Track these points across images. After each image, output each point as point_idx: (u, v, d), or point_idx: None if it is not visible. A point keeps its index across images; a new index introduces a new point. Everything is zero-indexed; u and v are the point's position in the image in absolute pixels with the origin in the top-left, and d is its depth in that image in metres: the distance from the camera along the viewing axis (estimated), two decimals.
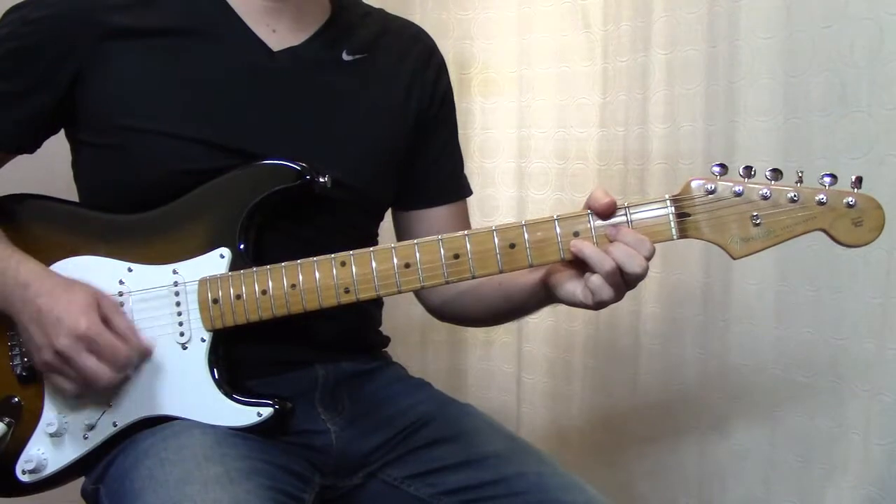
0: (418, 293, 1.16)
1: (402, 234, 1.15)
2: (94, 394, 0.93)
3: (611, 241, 0.86)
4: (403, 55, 1.09)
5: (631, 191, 1.46)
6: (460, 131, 1.19)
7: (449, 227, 0.91)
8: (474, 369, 1.80)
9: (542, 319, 1.67)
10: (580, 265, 0.88)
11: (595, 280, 0.86)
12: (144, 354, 0.93)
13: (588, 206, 0.88)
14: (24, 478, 0.95)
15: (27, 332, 0.91)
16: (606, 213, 0.87)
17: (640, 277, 0.86)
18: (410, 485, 1.01)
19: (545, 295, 0.95)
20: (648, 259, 0.85)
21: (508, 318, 1.13)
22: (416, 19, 1.18)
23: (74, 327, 0.87)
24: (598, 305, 0.88)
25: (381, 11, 1.13)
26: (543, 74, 1.60)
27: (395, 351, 1.17)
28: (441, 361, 1.81)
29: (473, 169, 1.69)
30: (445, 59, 1.15)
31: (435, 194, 1.13)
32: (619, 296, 0.87)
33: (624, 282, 0.86)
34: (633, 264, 0.84)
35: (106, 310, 0.91)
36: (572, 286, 0.89)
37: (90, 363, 0.88)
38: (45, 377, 0.94)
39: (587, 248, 0.86)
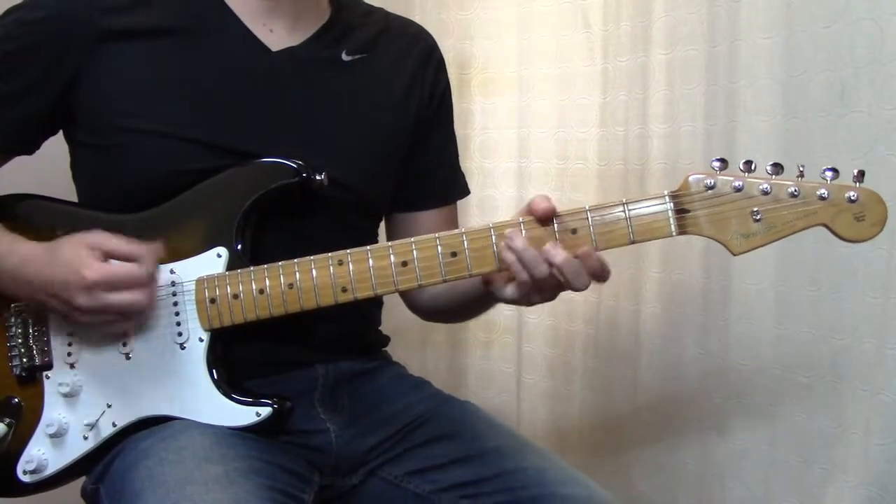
0: (406, 292, 1.15)
1: (394, 234, 1.15)
2: (96, 389, 0.94)
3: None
4: (404, 55, 1.09)
5: (631, 191, 1.46)
6: (460, 131, 1.19)
7: (441, 228, 0.92)
8: (474, 369, 1.80)
9: (542, 319, 1.67)
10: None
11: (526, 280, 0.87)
12: (158, 253, 0.92)
13: (530, 210, 0.88)
14: (25, 478, 0.96)
15: (49, 307, 0.92)
16: (544, 218, 0.87)
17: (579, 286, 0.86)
18: (410, 481, 1.01)
19: (485, 292, 0.94)
20: (596, 272, 0.86)
21: (455, 315, 1.15)
22: (416, 19, 1.18)
23: (81, 282, 0.87)
24: (530, 302, 0.89)
25: (381, 10, 1.13)
26: (543, 74, 1.60)
27: (395, 351, 1.17)
28: (441, 361, 1.81)
29: (473, 169, 1.69)
30: (445, 58, 1.15)
31: (431, 196, 1.14)
32: (551, 298, 0.89)
33: (562, 287, 0.87)
34: (578, 281, 0.85)
35: (100, 246, 0.90)
36: (511, 286, 0.89)
37: (118, 299, 0.88)
38: (81, 337, 0.95)
39: (520, 248, 0.86)
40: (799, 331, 1.27)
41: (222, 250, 0.94)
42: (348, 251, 0.91)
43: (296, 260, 0.92)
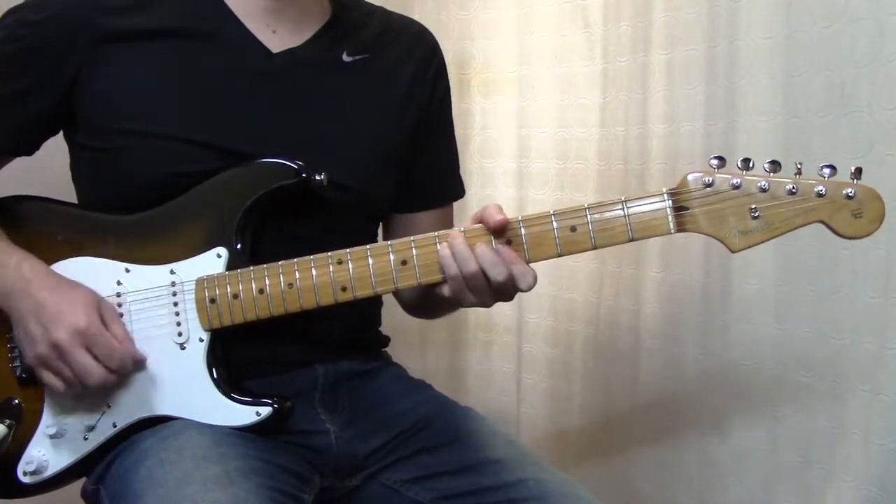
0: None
1: (390, 235, 1.15)
2: (92, 394, 0.93)
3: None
4: (405, 55, 1.09)
5: (631, 191, 1.46)
6: (460, 131, 1.19)
7: (437, 228, 0.92)
8: (474, 369, 1.80)
9: (542, 319, 1.67)
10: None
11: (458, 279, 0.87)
12: (138, 362, 0.93)
13: (479, 219, 0.88)
14: (26, 479, 0.96)
15: (24, 324, 0.91)
16: (498, 230, 0.87)
17: (504, 286, 0.86)
18: (410, 489, 1.00)
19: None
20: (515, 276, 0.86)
21: (427, 311, 1.16)
22: (416, 19, 1.18)
23: (75, 322, 0.88)
24: (463, 301, 0.89)
25: (382, 10, 1.13)
26: (543, 74, 1.60)
27: (395, 351, 1.17)
28: (441, 361, 1.81)
29: (473, 169, 1.69)
30: (445, 58, 1.15)
31: (431, 197, 1.14)
32: (483, 300, 0.89)
33: (491, 289, 0.87)
34: (496, 272, 0.85)
35: (105, 313, 0.91)
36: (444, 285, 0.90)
37: (84, 359, 0.88)
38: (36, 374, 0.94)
39: (457, 245, 0.87)
40: (799, 331, 1.28)
41: (222, 250, 0.94)
42: (348, 250, 0.91)
43: (295, 259, 0.92)
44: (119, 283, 0.95)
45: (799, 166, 0.84)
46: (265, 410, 0.93)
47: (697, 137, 1.37)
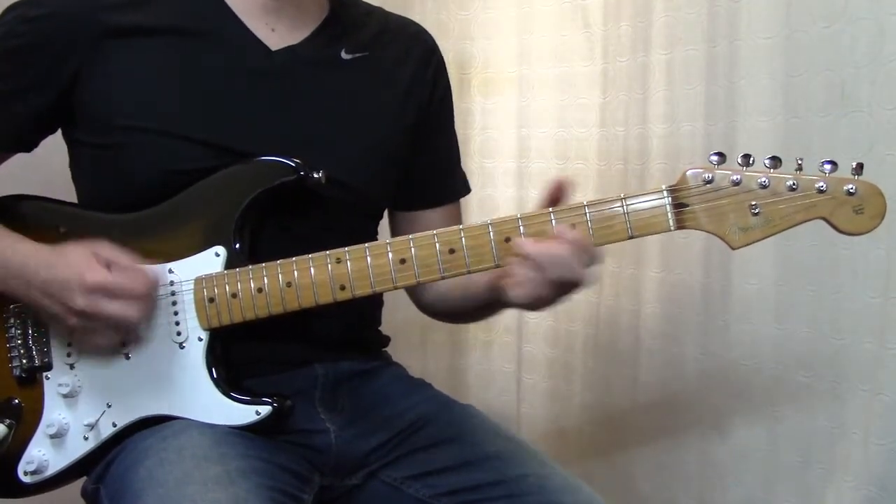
0: (411, 289, 1.15)
1: (397, 233, 1.15)
2: (95, 390, 0.94)
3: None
4: (404, 54, 1.09)
5: (631, 191, 1.46)
6: (460, 131, 1.19)
7: (445, 226, 0.92)
8: (474, 369, 1.80)
9: (543, 319, 1.67)
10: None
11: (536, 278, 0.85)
12: (156, 281, 0.92)
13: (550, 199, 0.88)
14: (26, 479, 0.96)
15: (43, 307, 0.91)
16: (556, 195, 0.88)
17: (572, 281, 0.85)
18: (410, 486, 1.00)
19: (494, 297, 0.94)
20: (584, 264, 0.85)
21: (464, 317, 1.15)
22: (416, 19, 1.18)
23: (82, 283, 0.87)
24: (539, 305, 0.88)
25: (381, 10, 1.13)
26: (543, 74, 1.60)
27: (395, 351, 1.17)
28: (441, 361, 1.81)
29: (473, 169, 1.69)
30: (445, 59, 1.15)
31: (432, 196, 1.13)
32: (557, 296, 0.87)
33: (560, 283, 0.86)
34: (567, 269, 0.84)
35: (101, 254, 0.90)
36: (520, 288, 0.87)
37: (114, 308, 0.88)
38: (77, 344, 0.95)
39: (528, 246, 0.86)
40: (799, 331, 1.28)
41: (220, 249, 0.94)
42: (346, 249, 0.91)
43: (294, 258, 0.91)
44: None
45: (799, 162, 0.83)
46: (265, 409, 0.93)
47: (697, 137, 1.37)
